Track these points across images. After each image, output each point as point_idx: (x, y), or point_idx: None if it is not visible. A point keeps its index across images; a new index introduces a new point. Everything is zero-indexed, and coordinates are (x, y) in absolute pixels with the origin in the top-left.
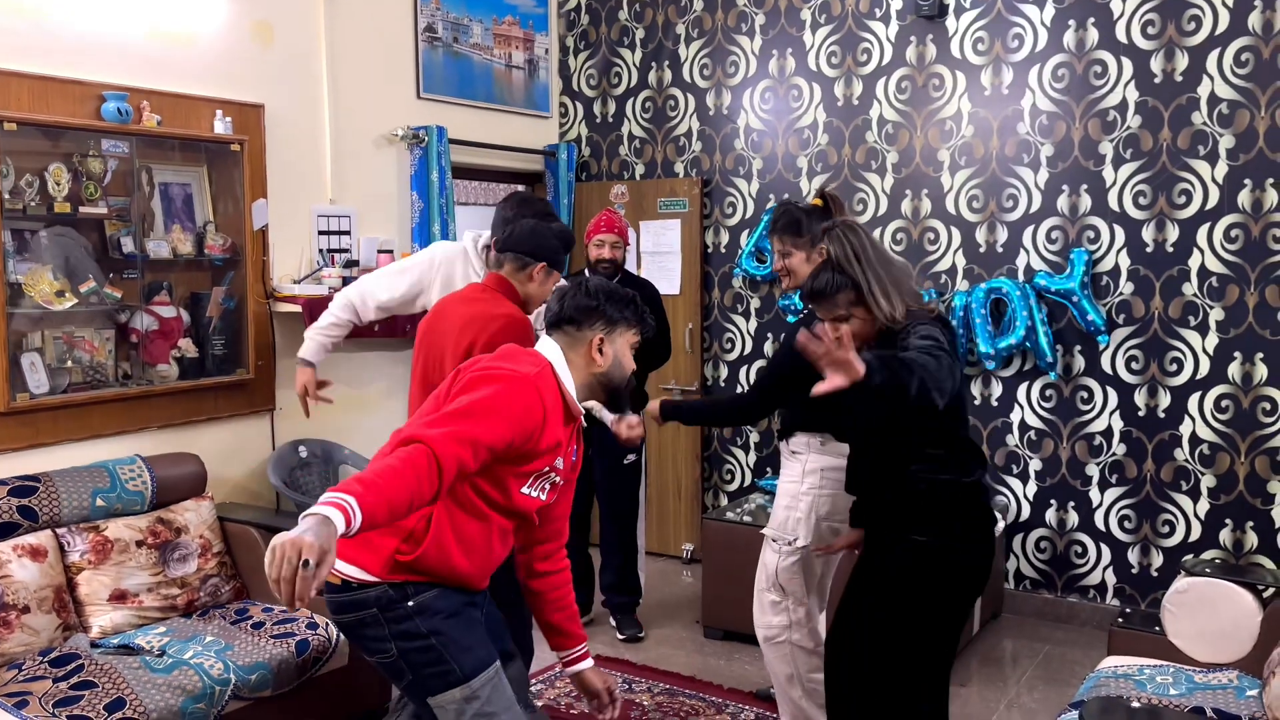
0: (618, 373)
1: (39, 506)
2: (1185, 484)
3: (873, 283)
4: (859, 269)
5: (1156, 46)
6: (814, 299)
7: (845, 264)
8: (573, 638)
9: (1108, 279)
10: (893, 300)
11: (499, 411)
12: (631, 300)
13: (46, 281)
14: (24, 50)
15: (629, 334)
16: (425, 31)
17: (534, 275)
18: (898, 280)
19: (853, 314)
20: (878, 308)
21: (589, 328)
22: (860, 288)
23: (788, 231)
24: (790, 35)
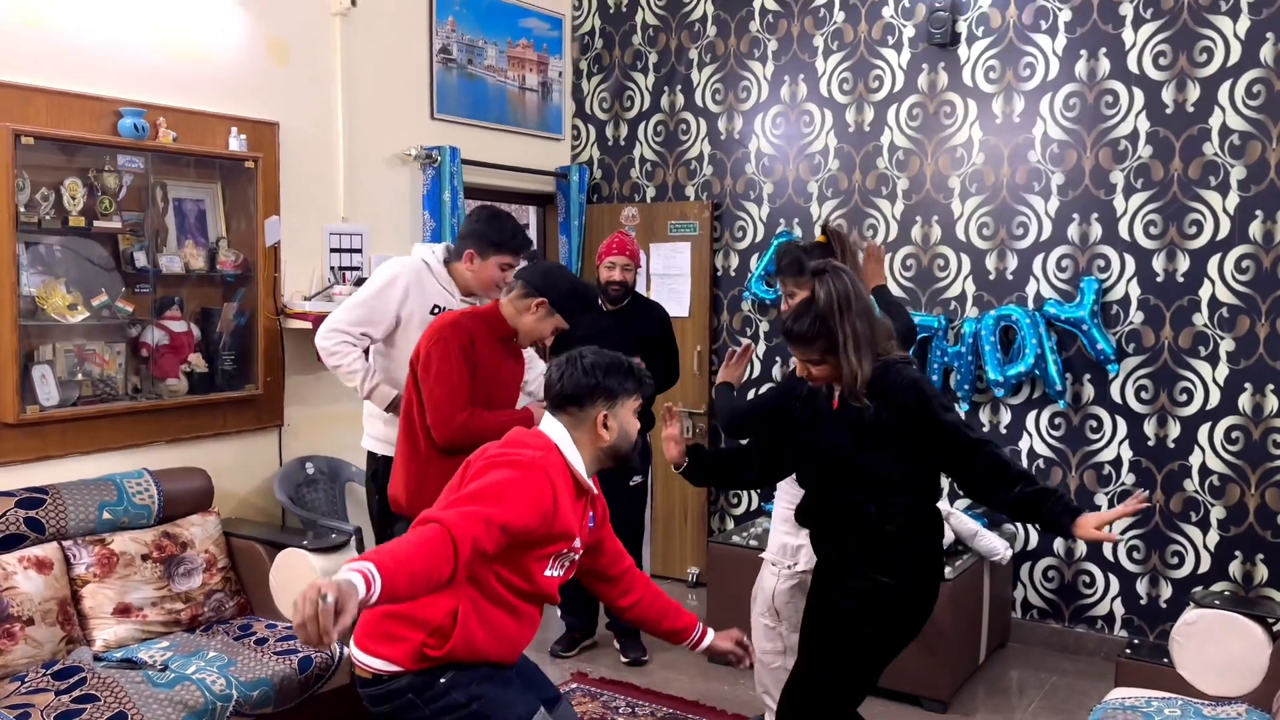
0: (624, 443)
1: (46, 519)
2: (1195, 515)
3: (848, 339)
4: (838, 321)
5: (1168, 77)
6: (790, 340)
7: (827, 314)
8: (688, 628)
9: (1118, 308)
10: (863, 359)
11: (510, 496)
12: (628, 367)
13: (59, 294)
14: (43, 65)
15: (632, 402)
16: (440, 53)
17: (533, 308)
18: (874, 338)
19: (825, 360)
20: (846, 362)
21: (591, 406)
22: (835, 342)
23: (790, 272)
24: (802, 61)
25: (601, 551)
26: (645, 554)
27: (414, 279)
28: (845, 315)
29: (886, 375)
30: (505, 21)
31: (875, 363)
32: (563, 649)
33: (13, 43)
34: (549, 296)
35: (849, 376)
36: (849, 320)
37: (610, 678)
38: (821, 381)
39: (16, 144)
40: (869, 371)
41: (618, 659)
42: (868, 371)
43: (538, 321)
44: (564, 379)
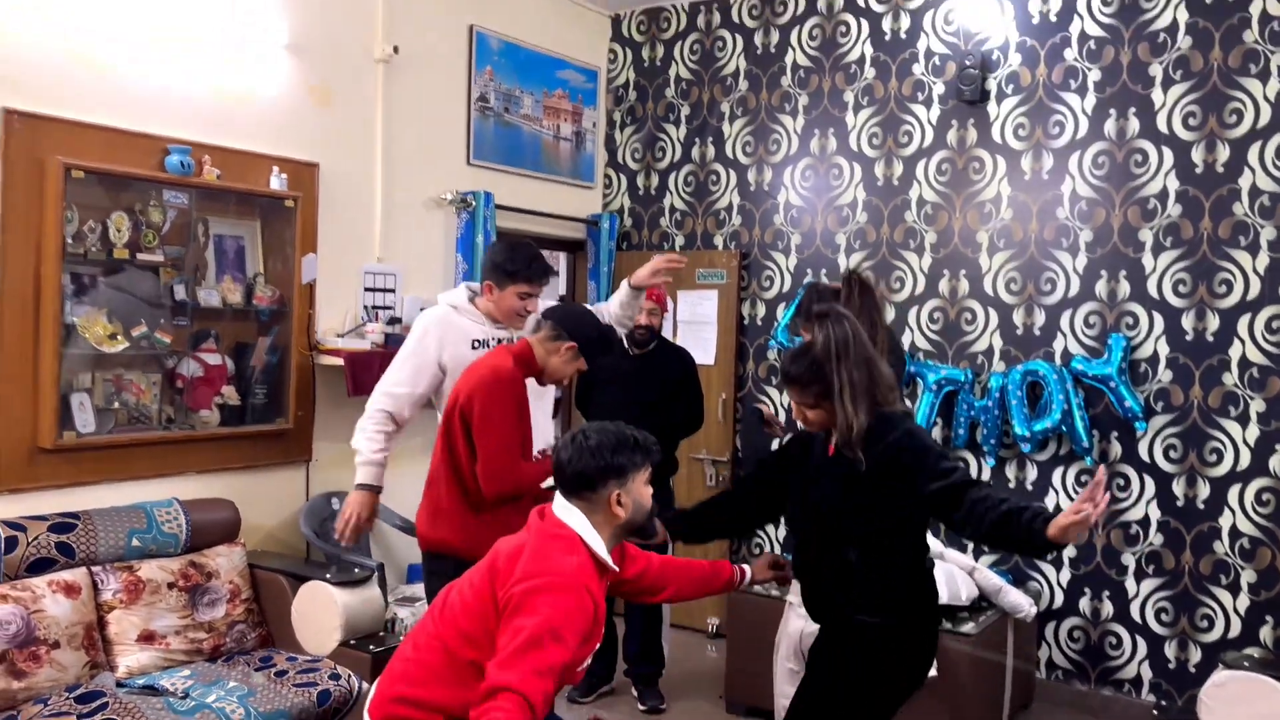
0: (640, 515)
1: (76, 544)
2: (1225, 578)
3: (844, 387)
4: (834, 368)
5: (1197, 138)
6: (787, 382)
7: (823, 359)
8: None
9: (1146, 366)
10: (859, 408)
11: (565, 630)
12: (633, 440)
13: (101, 324)
14: (94, 103)
15: (643, 475)
16: (478, 101)
17: (562, 351)
18: (874, 387)
19: (820, 405)
20: (841, 410)
21: (603, 487)
22: (830, 388)
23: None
24: (833, 116)
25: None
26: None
27: (444, 326)
28: (842, 361)
29: (881, 427)
30: (542, 72)
31: (873, 414)
32: (580, 694)
33: (68, 80)
34: (578, 340)
35: (843, 425)
36: (846, 367)
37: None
38: (815, 427)
39: (67, 177)
40: (865, 421)
41: (635, 706)
42: (864, 421)
43: (564, 364)
44: (572, 462)
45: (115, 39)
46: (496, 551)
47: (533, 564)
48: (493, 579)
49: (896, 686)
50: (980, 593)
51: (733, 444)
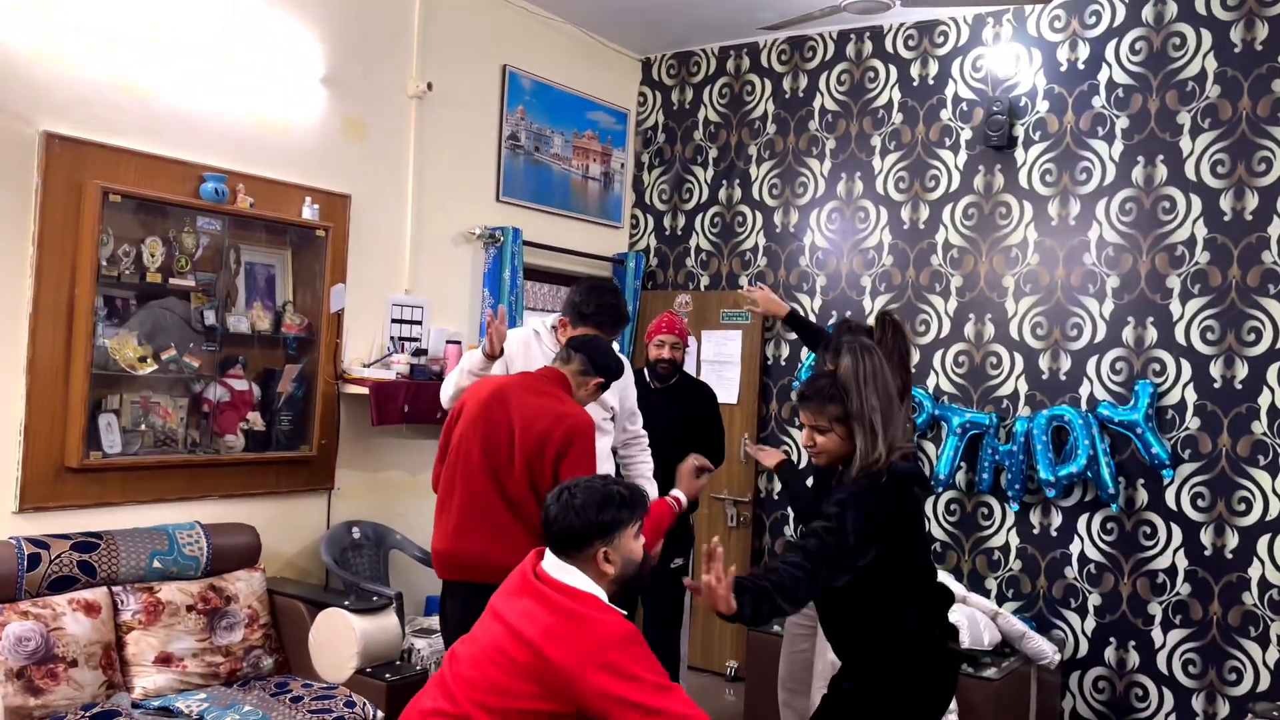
0: (629, 569)
1: (99, 563)
2: (1254, 630)
3: (868, 411)
4: (859, 390)
5: (1226, 185)
6: (803, 401)
7: (848, 381)
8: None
9: (1173, 413)
10: (879, 437)
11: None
12: (619, 496)
13: (131, 347)
14: (133, 128)
15: (631, 529)
16: (509, 139)
17: (590, 386)
18: (892, 421)
19: (833, 429)
20: (862, 437)
21: (589, 546)
22: (849, 410)
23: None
24: (860, 160)
25: None
26: (684, 644)
27: (521, 346)
28: (867, 386)
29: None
30: (573, 113)
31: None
32: None
33: (108, 104)
34: (605, 377)
35: (863, 450)
36: (871, 393)
37: None
38: (822, 454)
39: (105, 201)
40: (882, 454)
41: None
42: (883, 452)
43: (588, 396)
44: (557, 521)
45: (155, 66)
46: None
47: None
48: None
49: None
50: (1003, 638)
51: (754, 485)
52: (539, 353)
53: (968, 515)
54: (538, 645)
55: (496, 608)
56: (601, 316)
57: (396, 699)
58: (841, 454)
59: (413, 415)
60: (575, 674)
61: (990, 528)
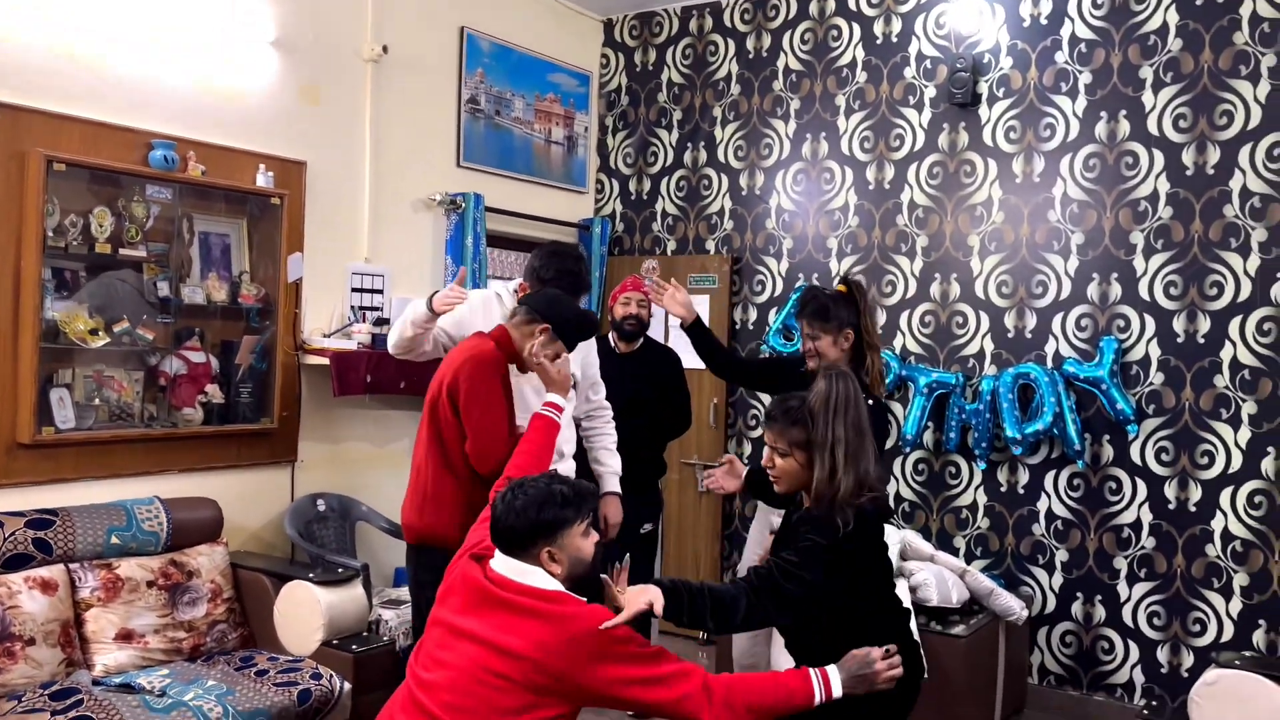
0: (578, 568)
1: (54, 540)
2: (1217, 581)
3: (835, 441)
4: (827, 419)
5: (1188, 139)
6: (768, 421)
7: (816, 407)
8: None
9: (1138, 368)
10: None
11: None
12: (561, 495)
13: (81, 319)
14: (78, 95)
15: (578, 528)
16: (468, 103)
17: (535, 334)
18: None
19: (793, 453)
20: (820, 467)
21: (533, 545)
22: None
23: (817, 317)
24: (824, 120)
25: None
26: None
27: (481, 306)
28: (838, 416)
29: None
30: (533, 76)
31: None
32: None
33: (50, 71)
34: (552, 322)
35: (821, 480)
36: (840, 423)
37: None
38: (781, 478)
39: (49, 170)
40: (851, 486)
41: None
42: (850, 485)
43: (541, 347)
44: (501, 520)
45: (99, 31)
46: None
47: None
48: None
49: None
50: (971, 595)
51: (724, 449)
52: (498, 314)
53: (935, 474)
54: (533, 657)
55: (460, 626)
56: (560, 282)
57: (364, 670)
58: (799, 481)
59: (375, 385)
60: (578, 673)
61: (958, 486)
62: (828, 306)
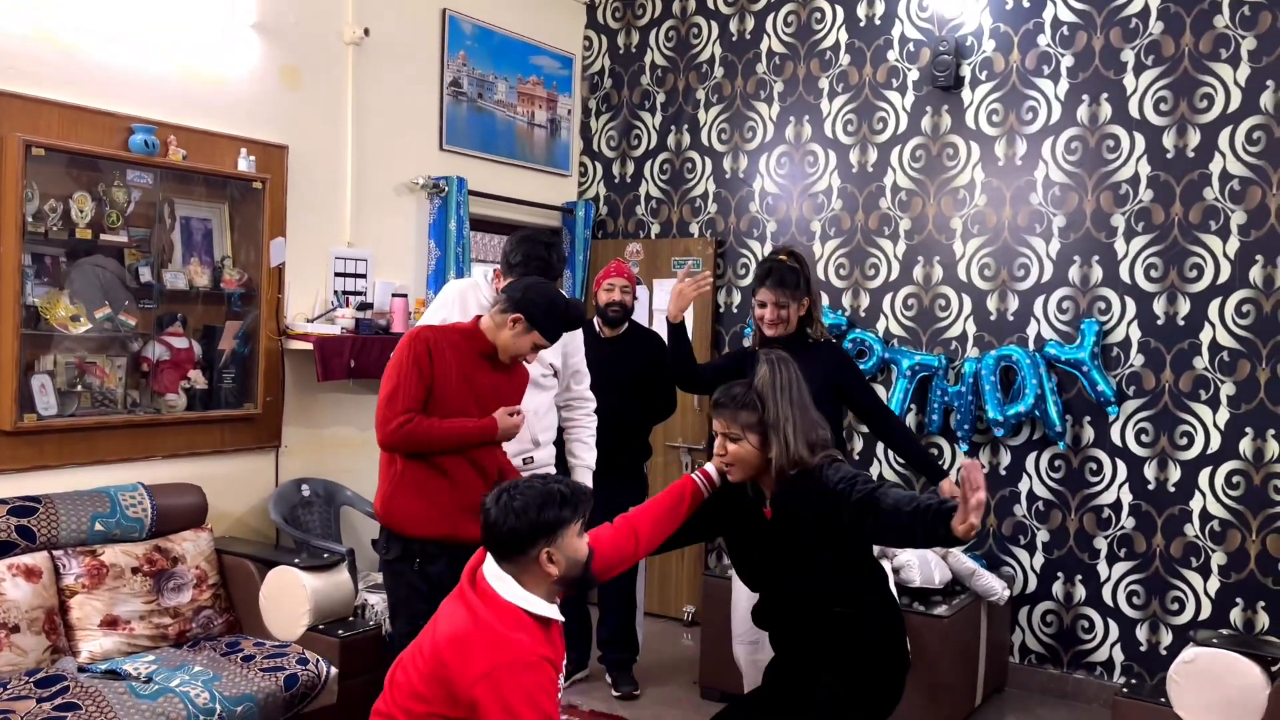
0: (574, 569)
1: (37, 527)
2: (1195, 560)
3: (784, 420)
4: (775, 400)
5: (1169, 123)
6: (718, 408)
7: (763, 390)
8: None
9: (1118, 350)
10: (797, 441)
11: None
12: (559, 495)
13: (62, 305)
14: (56, 79)
15: (574, 528)
16: (451, 85)
17: (510, 324)
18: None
19: (745, 437)
20: (779, 442)
21: (533, 547)
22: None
23: (786, 286)
24: (808, 103)
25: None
26: (640, 591)
27: (457, 297)
28: (783, 395)
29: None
30: (516, 58)
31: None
32: None
33: (27, 56)
34: (524, 312)
35: (781, 455)
36: (786, 402)
37: (601, 710)
38: (735, 464)
39: (27, 155)
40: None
41: (609, 693)
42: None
43: (515, 338)
44: (498, 524)
45: (77, 14)
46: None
47: (485, 654)
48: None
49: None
50: (953, 576)
51: (708, 433)
52: (474, 303)
53: None
54: (441, 650)
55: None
56: (528, 266)
57: (350, 655)
58: (753, 464)
59: (359, 370)
60: (465, 684)
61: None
62: (795, 274)
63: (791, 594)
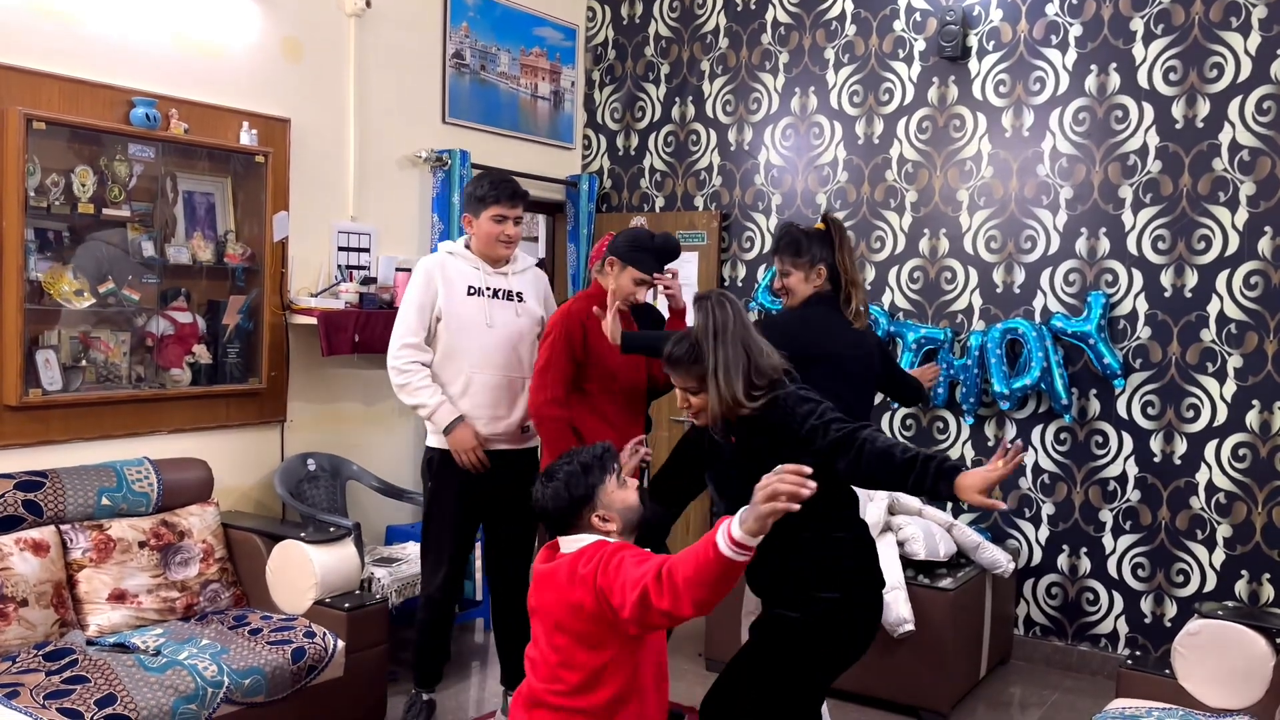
0: (631, 514)
1: (44, 502)
2: (1201, 533)
3: (718, 364)
4: (710, 347)
5: (1178, 92)
6: (671, 364)
7: (701, 339)
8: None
9: (1125, 323)
10: (734, 386)
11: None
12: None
13: (66, 280)
14: (56, 52)
15: (611, 484)
16: (453, 58)
17: (606, 269)
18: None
19: (702, 389)
20: (714, 388)
21: (580, 516)
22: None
23: (788, 251)
24: (813, 74)
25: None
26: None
27: (438, 271)
28: (719, 339)
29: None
30: (519, 30)
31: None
32: None
33: (27, 29)
34: (615, 253)
35: (714, 403)
36: (721, 345)
37: None
38: (700, 413)
39: (28, 129)
40: (744, 398)
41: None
42: (743, 397)
43: (617, 278)
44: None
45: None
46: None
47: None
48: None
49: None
50: (958, 549)
51: None
52: (455, 270)
53: (923, 430)
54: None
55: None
56: (500, 191)
57: (357, 628)
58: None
59: (363, 345)
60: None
61: (945, 441)
62: (799, 240)
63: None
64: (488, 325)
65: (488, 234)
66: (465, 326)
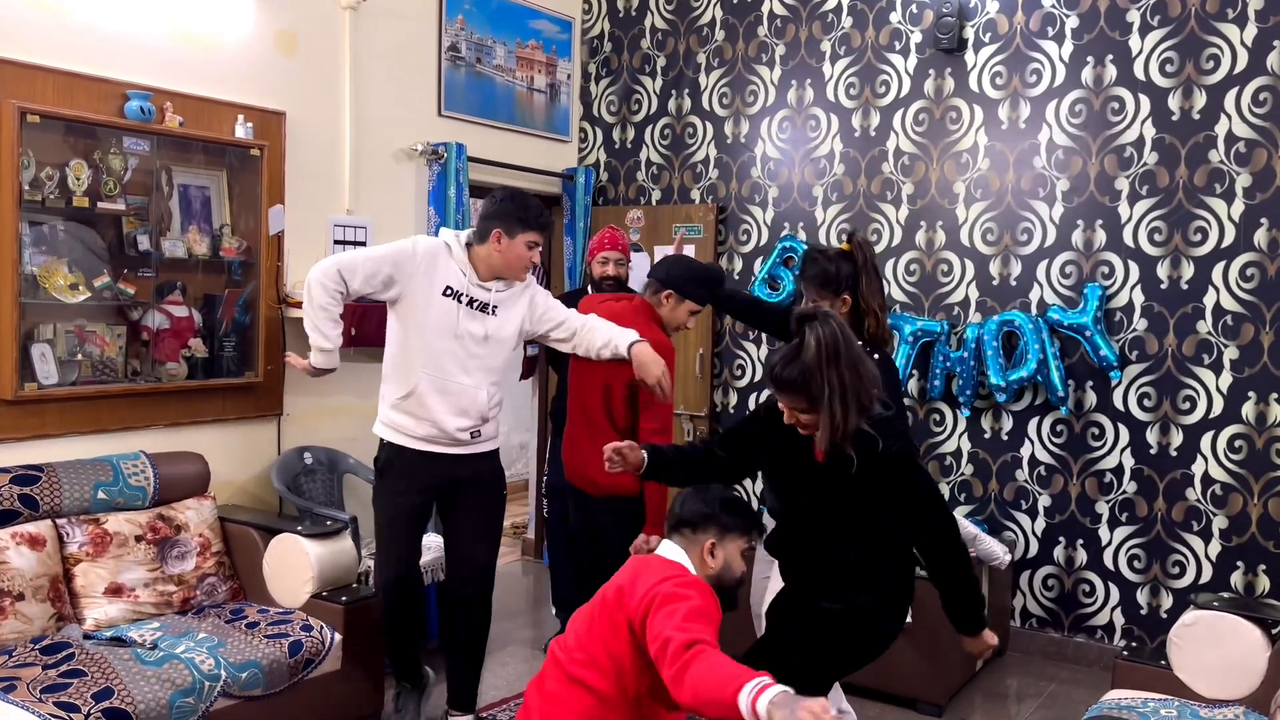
0: (728, 575)
1: (40, 496)
2: (1197, 524)
3: (835, 391)
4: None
5: (1174, 84)
6: (777, 386)
7: (814, 365)
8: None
9: (1121, 315)
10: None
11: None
12: (745, 508)
13: (61, 274)
14: (49, 45)
15: (740, 540)
16: (449, 50)
17: (663, 301)
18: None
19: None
20: (829, 414)
21: (703, 532)
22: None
23: (815, 282)
24: (810, 66)
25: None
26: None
27: (430, 255)
28: (834, 365)
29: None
30: (515, 22)
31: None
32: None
33: (21, 22)
34: (673, 286)
35: (829, 429)
36: (837, 371)
37: None
38: (811, 429)
39: (22, 122)
40: (854, 424)
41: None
42: (854, 424)
43: (672, 311)
44: (685, 504)
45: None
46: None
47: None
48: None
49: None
50: None
51: (710, 400)
52: (443, 269)
53: (920, 422)
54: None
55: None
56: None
57: (354, 621)
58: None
59: (360, 339)
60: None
61: (942, 434)
62: (827, 272)
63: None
64: (455, 335)
65: (518, 257)
66: (426, 326)
